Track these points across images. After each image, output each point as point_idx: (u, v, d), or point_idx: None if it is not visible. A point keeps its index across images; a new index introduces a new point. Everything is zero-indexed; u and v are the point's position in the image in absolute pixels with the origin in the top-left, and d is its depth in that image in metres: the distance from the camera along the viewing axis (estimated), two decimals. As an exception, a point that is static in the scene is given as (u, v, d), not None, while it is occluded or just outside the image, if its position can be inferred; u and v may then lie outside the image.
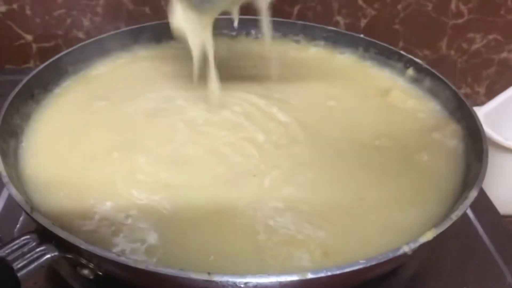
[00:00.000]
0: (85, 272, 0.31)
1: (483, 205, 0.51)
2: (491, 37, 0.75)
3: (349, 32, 0.56)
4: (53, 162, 0.40)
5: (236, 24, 0.47)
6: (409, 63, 0.52)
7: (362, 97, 0.50)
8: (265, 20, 0.45)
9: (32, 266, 0.29)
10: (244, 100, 0.47)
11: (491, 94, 0.79)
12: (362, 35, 0.55)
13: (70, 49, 0.50)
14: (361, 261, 0.28)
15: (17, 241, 0.30)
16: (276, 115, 0.45)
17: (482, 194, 0.51)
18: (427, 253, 0.43)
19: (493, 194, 0.54)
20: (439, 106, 0.49)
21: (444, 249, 0.44)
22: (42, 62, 0.71)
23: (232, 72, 0.51)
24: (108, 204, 0.36)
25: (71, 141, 0.42)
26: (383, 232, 0.35)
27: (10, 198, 0.46)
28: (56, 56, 0.48)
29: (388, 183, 0.40)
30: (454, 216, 0.33)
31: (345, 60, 0.56)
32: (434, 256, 0.43)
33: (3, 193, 0.46)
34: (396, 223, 0.36)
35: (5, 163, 0.35)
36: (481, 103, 0.79)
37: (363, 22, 0.72)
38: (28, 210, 0.31)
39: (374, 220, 0.36)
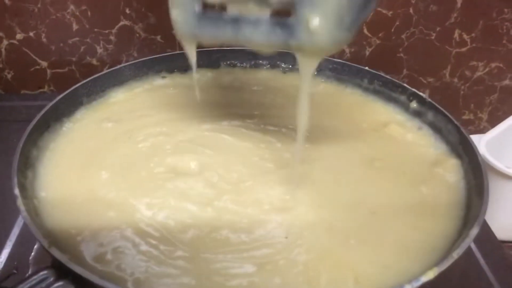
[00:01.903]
0: (99, 306, 0.32)
1: (484, 234, 0.51)
2: (493, 65, 0.76)
3: (354, 64, 0.57)
4: (67, 191, 0.41)
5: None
6: (412, 96, 0.53)
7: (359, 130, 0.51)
8: None
9: (50, 302, 0.31)
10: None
11: (493, 120, 0.80)
12: (366, 68, 0.57)
13: (84, 81, 0.51)
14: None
15: (35, 277, 0.31)
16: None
17: (483, 223, 0.52)
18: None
19: (494, 221, 0.55)
20: (440, 140, 0.49)
21: (444, 278, 0.45)
22: (56, 87, 0.74)
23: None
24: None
25: (84, 169, 0.43)
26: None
27: (25, 226, 0.47)
28: (72, 88, 0.50)
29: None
30: (456, 254, 0.33)
31: (350, 95, 0.57)
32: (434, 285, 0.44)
33: (18, 220, 0.48)
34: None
35: (23, 197, 0.37)
36: (484, 129, 0.80)
37: (368, 51, 0.74)
38: (46, 246, 0.32)
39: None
